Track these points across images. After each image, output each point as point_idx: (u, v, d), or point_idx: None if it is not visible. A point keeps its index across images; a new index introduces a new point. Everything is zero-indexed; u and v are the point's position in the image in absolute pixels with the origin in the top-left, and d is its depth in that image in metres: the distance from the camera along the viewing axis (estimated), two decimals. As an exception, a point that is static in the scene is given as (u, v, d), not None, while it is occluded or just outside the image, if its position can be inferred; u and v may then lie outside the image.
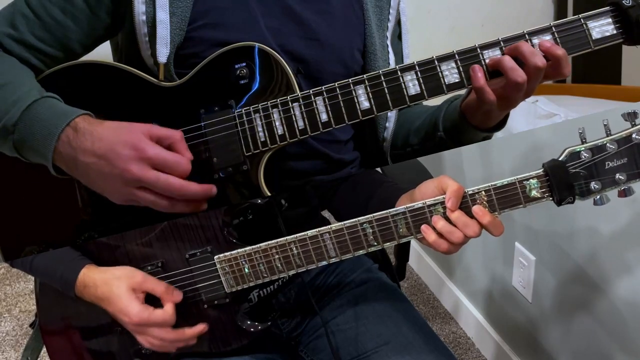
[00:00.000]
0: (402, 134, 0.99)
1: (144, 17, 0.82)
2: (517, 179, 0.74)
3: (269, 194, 0.82)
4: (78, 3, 0.83)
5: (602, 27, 0.76)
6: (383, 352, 0.90)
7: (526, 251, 1.51)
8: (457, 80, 0.78)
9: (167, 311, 0.83)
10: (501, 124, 0.87)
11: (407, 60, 1.00)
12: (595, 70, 1.95)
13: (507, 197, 0.75)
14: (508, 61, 0.75)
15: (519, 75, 0.74)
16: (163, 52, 0.82)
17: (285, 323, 1.00)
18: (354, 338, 0.93)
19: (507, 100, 0.79)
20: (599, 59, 1.90)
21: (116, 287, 0.83)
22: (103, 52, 0.93)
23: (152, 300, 0.85)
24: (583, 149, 0.73)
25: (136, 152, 0.73)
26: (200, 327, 0.85)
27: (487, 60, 0.77)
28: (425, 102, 0.84)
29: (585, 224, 1.28)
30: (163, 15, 0.82)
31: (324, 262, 0.81)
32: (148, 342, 0.84)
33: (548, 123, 1.54)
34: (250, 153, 0.80)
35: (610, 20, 0.75)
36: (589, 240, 1.28)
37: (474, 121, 0.86)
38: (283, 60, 0.81)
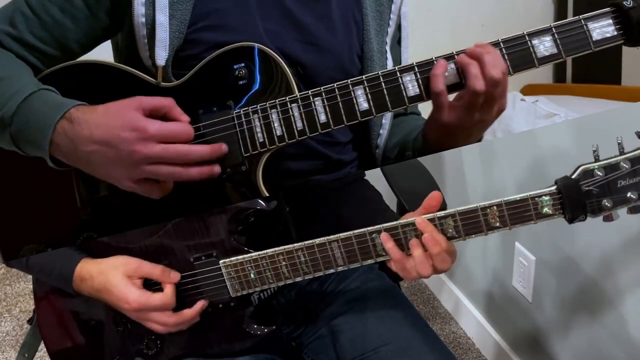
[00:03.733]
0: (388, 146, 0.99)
1: (143, 19, 0.82)
2: (529, 195, 0.74)
3: (267, 194, 0.82)
4: (77, 3, 0.83)
5: (602, 29, 0.75)
6: (383, 353, 0.90)
7: (526, 251, 1.51)
8: (456, 82, 0.77)
9: (166, 294, 0.83)
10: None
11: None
12: (595, 70, 1.95)
13: (519, 213, 0.74)
14: (474, 67, 0.74)
15: (480, 84, 0.74)
16: (162, 55, 0.82)
17: (286, 324, 1.00)
18: (354, 338, 0.93)
19: (462, 114, 0.77)
20: (599, 59, 1.90)
21: (112, 275, 0.83)
22: (104, 52, 0.93)
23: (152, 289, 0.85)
24: (597, 167, 0.72)
25: (138, 132, 0.73)
26: (200, 305, 0.85)
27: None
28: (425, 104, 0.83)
29: (586, 224, 1.28)
30: (162, 18, 0.81)
31: (332, 270, 0.81)
32: (152, 327, 0.85)
33: (548, 123, 1.54)
34: (249, 154, 0.80)
35: (611, 21, 0.75)
36: (589, 240, 1.28)
37: (432, 141, 0.86)
38: (282, 61, 0.81)
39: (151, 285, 0.86)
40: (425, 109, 0.86)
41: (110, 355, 0.92)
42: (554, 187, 0.74)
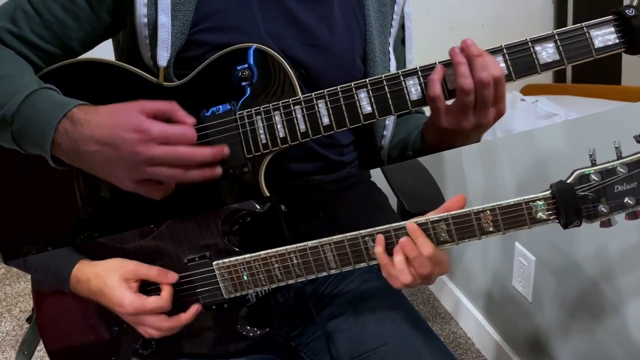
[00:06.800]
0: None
1: (145, 20, 0.82)
2: (523, 199, 0.73)
3: (268, 194, 0.82)
4: (80, 2, 0.82)
5: (604, 36, 0.75)
6: (382, 353, 0.90)
7: (526, 251, 1.51)
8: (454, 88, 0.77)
9: (162, 296, 0.83)
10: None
11: (410, 66, 1.00)
12: (595, 70, 1.95)
13: (513, 218, 0.73)
14: (463, 67, 0.74)
15: (467, 82, 0.74)
16: (163, 56, 0.82)
17: (284, 324, 1.00)
18: (353, 338, 0.93)
19: (458, 118, 0.77)
20: (599, 59, 1.90)
21: (108, 279, 0.83)
22: (104, 50, 0.93)
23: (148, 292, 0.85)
24: (593, 171, 0.71)
25: (140, 133, 0.72)
26: (194, 309, 0.85)
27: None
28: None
29: (586, 224, 1.28)
30: (165, 19, 0.81)
31: (324, 273, 0.81)
32: (146, 332, 0.85)
33: (548, 123, 1.54)
34: (252, 155, 0.80)
35: (612, 29, 0.75)
36: (589, 240, 1.28)
37: (430, 142, 0.86)
38: (285, 63, 0.80)
39: (148, 287, 0.86)
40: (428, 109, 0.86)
41: (107, 355, 0.92)
42: (548, 192, 0.73)
